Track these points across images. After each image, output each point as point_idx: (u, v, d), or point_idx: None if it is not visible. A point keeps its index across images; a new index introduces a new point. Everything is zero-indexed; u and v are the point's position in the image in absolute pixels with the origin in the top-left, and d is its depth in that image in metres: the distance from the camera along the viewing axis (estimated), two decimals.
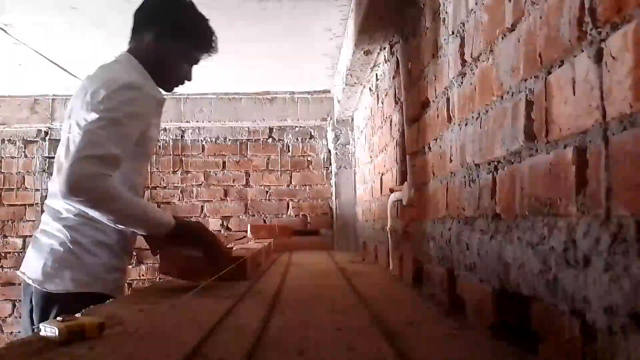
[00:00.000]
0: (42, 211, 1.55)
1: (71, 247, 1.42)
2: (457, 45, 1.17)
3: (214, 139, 4.17)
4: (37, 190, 4.06)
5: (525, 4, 0.80)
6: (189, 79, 1.61)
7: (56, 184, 1.46)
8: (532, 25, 0.78)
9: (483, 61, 1.00)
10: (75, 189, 1.27)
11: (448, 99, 1.23)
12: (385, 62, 2.28)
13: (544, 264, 0.70)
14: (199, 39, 1.56)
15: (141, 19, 1.55)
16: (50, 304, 1.39)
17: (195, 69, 1.63)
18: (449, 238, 1.17)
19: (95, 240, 1.44)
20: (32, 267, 1.44)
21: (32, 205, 4.08)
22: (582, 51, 0.63)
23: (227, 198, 4.14)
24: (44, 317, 1.37)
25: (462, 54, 1.13)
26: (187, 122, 4.08)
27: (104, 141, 1.30)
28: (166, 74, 1.56)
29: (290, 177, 4.17)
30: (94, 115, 1.33)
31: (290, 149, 4.18)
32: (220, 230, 4.07)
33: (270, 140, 4.18)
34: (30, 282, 1.44)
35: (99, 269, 1.44)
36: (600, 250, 0.57)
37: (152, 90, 1.49)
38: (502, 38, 0.90)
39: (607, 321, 0.55)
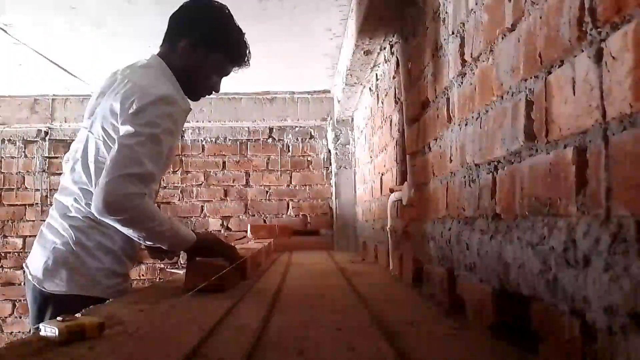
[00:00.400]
0: (42, 211, 1.54)
1: (74, 248, 1.41)
2: (457, 45, 1.17)
3: (214, 139, 4.17)
4: (37, 190, 4.05)
5: (525, 4, 0.80)
6: (217, 90, 1.59)
7: (69, 180, 1.46)
8: (532, 25, 0.78)
9: (483, 61, 1.00)
10: (113, 207, 1.25)
11: (448, 99, 1.23)
12: (385, 62, 2.28)
13: (544, 264, 0.70)
14: (234, 52, 1.53)
15: (178, 25, 1.51)
16: (47, 303, 1.39)
17: None
18: (449, 238, 1.17)
19: (100, 244, 1.43)
20: (35, 263, 1.44)
21: (32, 205, 4.06)
22: (582, 51, 0.63)
23: (227, 198, 4.15)
24: (40, 316, 1.38)
25: (462, 54, 1.13)
26: (187, 121, 4.06)
27: (143, 158, 1.28)
28: (195, 84, 1.53)
29: (290, 177, 4.17)
30: (129, 129, 1.30)
31: (290, 149, 4.18)
32: (220, 230, 4.07)
33: (270, 140, 4.18)
34: (30, 278, 1.44)
35: (99, 274, 1.43)
36: (600, 250, 0.57)
37: (182, 102, 1.46)
38: (502, 38, 0.90)
39: (607, 321, 0.55)
